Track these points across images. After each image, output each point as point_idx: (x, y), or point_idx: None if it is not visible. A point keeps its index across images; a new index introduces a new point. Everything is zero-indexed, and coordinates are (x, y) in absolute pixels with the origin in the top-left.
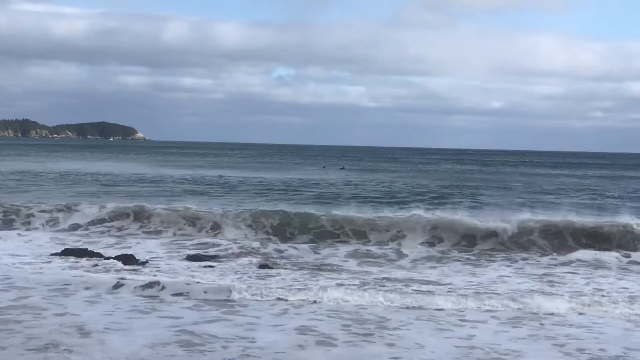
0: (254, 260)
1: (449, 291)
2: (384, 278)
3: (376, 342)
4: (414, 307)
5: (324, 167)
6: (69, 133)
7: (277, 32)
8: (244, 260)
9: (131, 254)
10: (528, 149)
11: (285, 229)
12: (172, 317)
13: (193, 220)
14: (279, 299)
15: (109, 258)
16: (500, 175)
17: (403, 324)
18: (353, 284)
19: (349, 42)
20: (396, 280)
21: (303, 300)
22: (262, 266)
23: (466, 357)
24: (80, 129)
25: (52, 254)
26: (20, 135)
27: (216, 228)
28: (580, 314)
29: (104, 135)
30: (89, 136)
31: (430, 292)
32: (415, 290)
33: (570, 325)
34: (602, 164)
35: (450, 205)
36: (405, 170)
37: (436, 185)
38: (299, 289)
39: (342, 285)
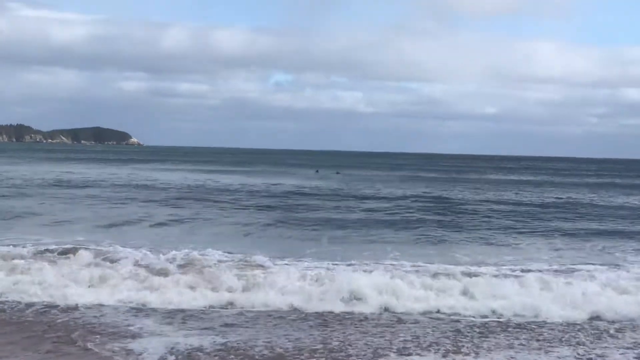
0: None
1: None
2: None
3: None
4: None
5: (317, 171)
6: (63, 138)
7: (276, 38)
8: None
9: None
10: (522, 155)
11: None
12: None
13: None
14: None
15: None
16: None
17: None
18: None
19: (348, 48)
20: None
21: None
22: None
23: None
24: (75, 134)
25: None
26: (14, 140)
27: None
28: None
29: (98, 141)
30: (83, 141)
31: None
32: None
33: None
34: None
35: None
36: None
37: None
38: None
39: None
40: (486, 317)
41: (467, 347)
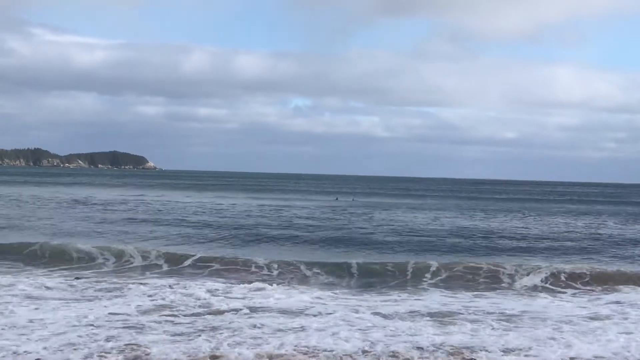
0: None
1: None
2: None
3: None
4: None
5: (336, 198)
6: (80, 162)
7: (295, 63)
8: None
9: None
10: (540, 179)
11: None
12: None
13: None
14: None
15: None
16: None
17: None
18: None
19: (367, 73)
20: None
21: None
22: None
23: None
24: (92, 158)
25: None
26: (32, 164)
27: None
28: None
29: (115, 165)
30: (100, 165)
31: None
32: None
33: None
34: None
35: None
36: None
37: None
38: None
39: None
40: None
41: None
